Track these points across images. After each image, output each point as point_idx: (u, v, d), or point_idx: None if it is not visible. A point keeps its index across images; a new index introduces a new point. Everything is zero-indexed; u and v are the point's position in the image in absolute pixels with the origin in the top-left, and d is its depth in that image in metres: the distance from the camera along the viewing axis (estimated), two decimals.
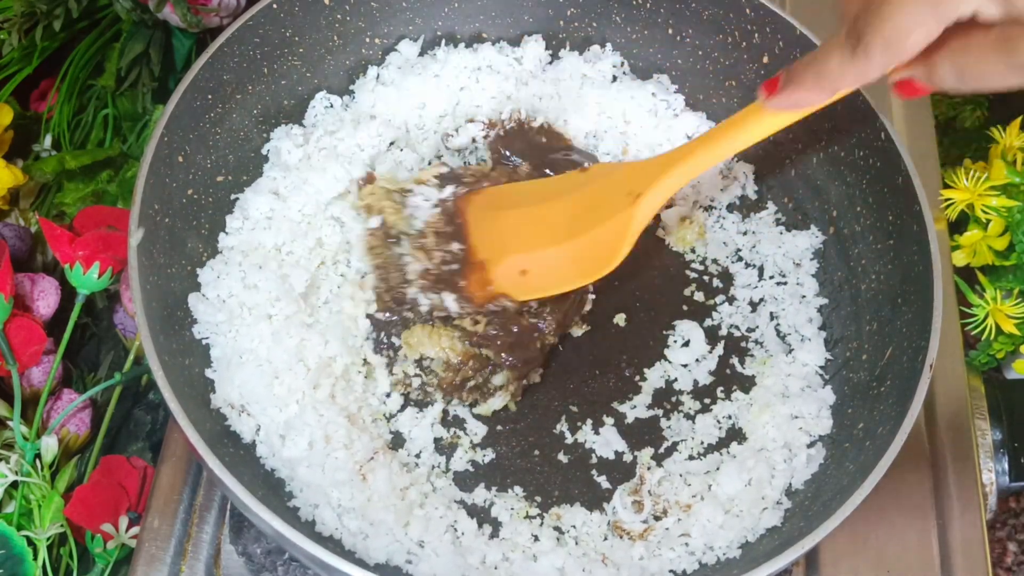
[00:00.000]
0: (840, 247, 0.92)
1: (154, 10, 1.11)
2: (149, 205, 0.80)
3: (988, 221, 0.96)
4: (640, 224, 0.83)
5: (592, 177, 0.89)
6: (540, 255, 0.86)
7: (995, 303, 0.94)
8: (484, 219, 0.89)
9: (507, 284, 0.86)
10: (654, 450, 0.85)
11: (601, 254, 0.84)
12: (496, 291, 0.85)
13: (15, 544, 0.90)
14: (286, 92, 0.94)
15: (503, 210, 0.89)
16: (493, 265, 0.86)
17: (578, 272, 0.85)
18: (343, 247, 0.91)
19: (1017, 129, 0.99)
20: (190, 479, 0.88)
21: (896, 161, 0.84)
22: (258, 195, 0.89)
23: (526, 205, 0.89)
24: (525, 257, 0.86)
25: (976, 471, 0.90)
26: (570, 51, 1.00)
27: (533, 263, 0.86)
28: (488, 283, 0.86)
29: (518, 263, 0.86)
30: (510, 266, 0.86)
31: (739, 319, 0.92)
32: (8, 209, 1.15)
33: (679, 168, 0.81)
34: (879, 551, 0.85)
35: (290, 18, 0.91)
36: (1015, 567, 1.01)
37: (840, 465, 0.80)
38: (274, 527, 0.68)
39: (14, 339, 0.95)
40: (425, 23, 0.99)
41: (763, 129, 0.77)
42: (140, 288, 0.76)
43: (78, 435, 0.99)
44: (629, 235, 0.82)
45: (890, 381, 0.80)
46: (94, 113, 1.20)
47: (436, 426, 0.85)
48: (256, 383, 0.80)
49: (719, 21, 0.94)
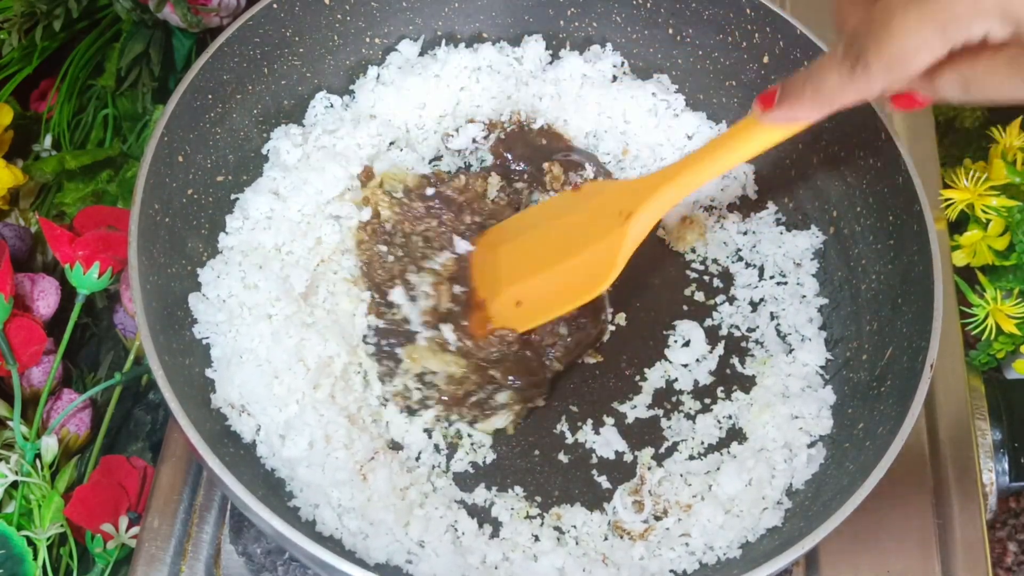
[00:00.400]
0: (840, 247, 0.92)
1: (154, 10, 1.11)
2: (149, 205, 0.80)
3: (988, 221, 0.96)
4: (632, 243, 0.81)
5: (583, 197, 0.88)
6: (532, 283, 0.85)
7: (995, 303, 0.94)
8: (485, 260, 0.89)
9: (505, 318, 0.85)
10: (654, 450, 0.85)
11: (593, 274, 0.82)
12: (495, 326, 0.85)
13: (15, 544, 0.90)
14: (286, 92, 0.94)
15: (500, 246, 0.89)
16: (491, 302, 0.86)
17: (570, 294, 0.83)
18: (342, 247, 0.91)
19: (1017, 129, 0.99)
20: (190, 479, 0.88)
21: (896, 161, 0.84)
22: (258, 195, 0.89)
23: (519, 235, 0.88)
24: (519, 287, 0.85)
25: (976, 471, 0.90)
26: (570, 51, 1.00)
27: (526, 292, 0.85)
28: (487, 320, 0.86)
29: (513, 295, 0.86)
30: (506, 299, 0.86)
31: (739, 319, 0.92)
32: (8, 209, 1.15)
33: (671, 186, 0.80)
34: (879, 551, 0.85)
35: (290, 18, 0.91)
36: (1015, 567, 1.01)
37: (840, 465, 0.80)
38: (274, 527, 0.68)
39: (14, 339, 0.95)
40: (425, 23, 0.99)
41: (758, 144, 0.75)
42: (140, 288, 0.76)
43: (78, 435, 0.99)
44: (620, 255, 0.81)
45: (890, 381, 0.80)
46: (94, 113, 1.20)
47: (435, 432, 0.85)
48: (256, 383, 0.80)
49: (719, 21, 0.94)
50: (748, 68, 0.95)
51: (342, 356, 0.84)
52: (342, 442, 0.79)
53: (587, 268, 0.83)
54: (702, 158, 0.79)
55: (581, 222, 0.85)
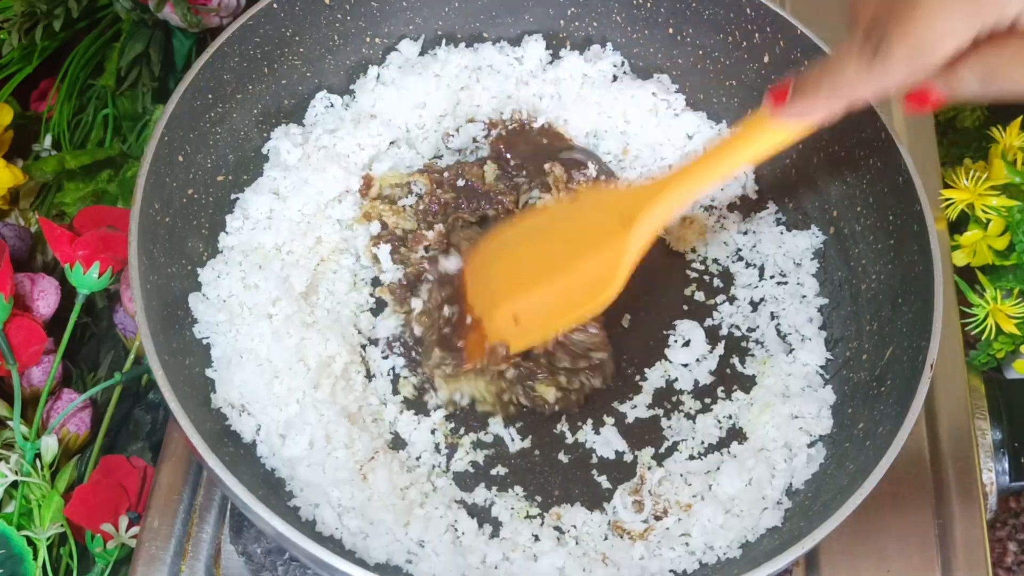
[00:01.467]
0: (840, 247, 0.92)
1: (154, 10, 1.11)
2: (149, 205, 0.80)
3: (988, 221, 0.96)
4: (634, 253, 0.77)
5: (581, 205, 0.84)
6: (529, 298, 0.81)
7: (995, 303, 0.94)
8: (478, 275, 0.85)
9: (502, 335, 0.82)
10: (654, 450, 0.85)
11: (594, 287, 0.78)
12: (491, 343, 0.82)
13: (15, 544, 0.90)
14: (286, 92, 0.95)
15: (494, 261, 0.85)
16: (487, 320, 0.83)
17: (570, 309, 0.79)
18: (342, 246, 0.91)
19: (1017, 129, 0.99)
20: (190, 479, 0.88)
21: (896, 161, 0.84)
22: (258, 195, 0.89)
23: (514, 248, 0.85)
24: (516, 303, 0.82)
25: (976, 471, 0.90)
26: (570, 51, 1.00)
27: (523, 307, 0.81)
28: (484, 339, 0.82)
29: (510, 311, 0.82)
30: (503, 315, 0.82)
31: (739, 319, 0.92)
32: (8, 209, 1.15)
33: (676, 191, 0.76)
34: (879, 551, 0.85)
35: (290, 18, 0.91)
36: (1015, 567, 1.01)
37: (840, 465, 0.80)
38: (274, 527, 0.68)
39: (14, 339, 0.95)
40: (425, 23, 0.99)
41: (766, 145, 0.71)
42: (140, 288, 0.76)
43: (78, 435, 0.99)
44: (623, 266, 0.76)
45: (890, 381, 0.80)
46: (94, 113, 1.20)
47: (437, 432, 0.85)
48: (256, 382, 0.80)
49: (720, 21, 0.94)
50: (748, 68, 0.95)
51: (342, 355, 0.84)
52: (342, 442, 0.79)
53: (587, 281, 0.79)
54: (707, 161, 0.76)
55: (580, 232, 0.81)
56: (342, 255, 0.91)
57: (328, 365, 0.83)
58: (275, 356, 0.81)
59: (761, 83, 0.95)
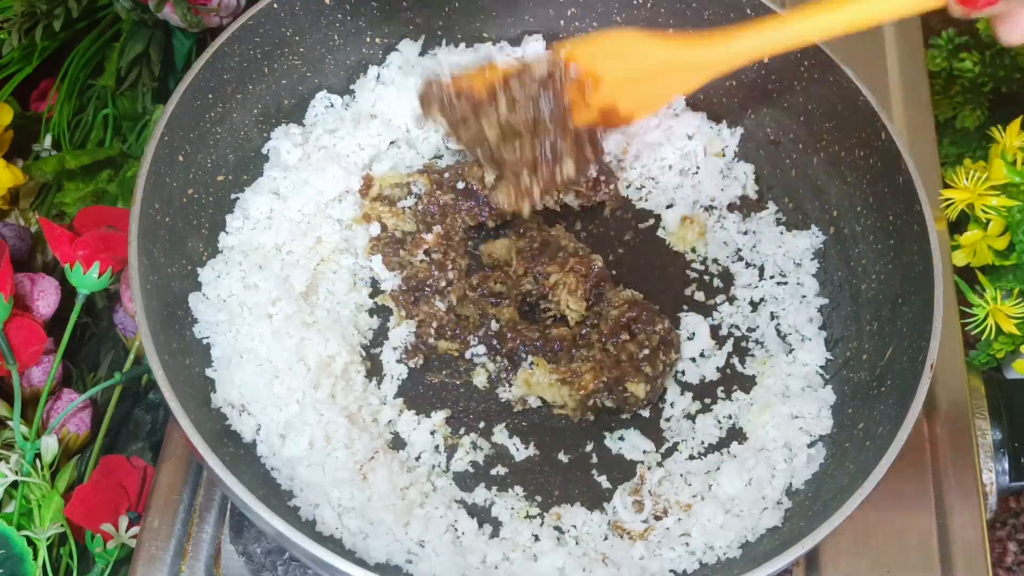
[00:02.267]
0: (840, 247, 0.92)
1: (154, 10, 1.11)
2: (149, 205, 0.80)
3: (988, 221, 0.96)
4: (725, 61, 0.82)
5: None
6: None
7: (995, 303, 0.94)
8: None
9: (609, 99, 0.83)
10: (655, 450, 0.85)
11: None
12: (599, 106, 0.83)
13: (15, 544, 0.90)
14: (286, 92, 0.95)
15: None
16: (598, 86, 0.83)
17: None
18: (342, 246, 0.91)
19: (1017, 129, 0.99)
20: (190, 479, 0.88)
21: (896, 161, 0.84)
22: (258, 195, 0.89)
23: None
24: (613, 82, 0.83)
25: (976, 471, 0.90)
26: None
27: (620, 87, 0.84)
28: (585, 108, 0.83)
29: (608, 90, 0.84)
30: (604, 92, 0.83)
31: (739, 319, 0.92)
32: (8, 209, 1.15)
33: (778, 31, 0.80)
34: (879, 551, 0.85)
35: (290, 18, 0.91)
36: (1015, 567, 1.01)
37: (840, 465, 0.80)
38: (274, 526, 0.68)
39: (14, 339, 0.95)
40: (425, 23, 0.99)
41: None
42: (140, 288, 0.76)
43: (78, 435, 0.99)
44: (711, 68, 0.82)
45: (890, 381, 0.80)
46: (94, 113, 1.20)
47: (436, 434, 0.85)
48: (256, 382, 0.80)
49: (719, 21, 0.94)
50: (748, 68, 0.94)
51: (342, 355, 0.84)
52: (342, 442, 0.79)
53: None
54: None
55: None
56: (342, 255, 0.91)
57: (328, 365, 0.83)
58: (275, 356, 0.81)
59: (761, 83, 0.95)
